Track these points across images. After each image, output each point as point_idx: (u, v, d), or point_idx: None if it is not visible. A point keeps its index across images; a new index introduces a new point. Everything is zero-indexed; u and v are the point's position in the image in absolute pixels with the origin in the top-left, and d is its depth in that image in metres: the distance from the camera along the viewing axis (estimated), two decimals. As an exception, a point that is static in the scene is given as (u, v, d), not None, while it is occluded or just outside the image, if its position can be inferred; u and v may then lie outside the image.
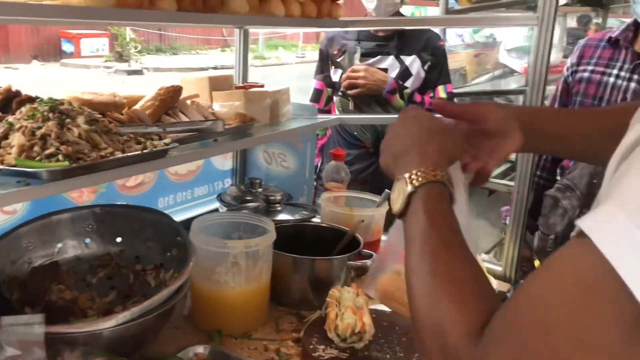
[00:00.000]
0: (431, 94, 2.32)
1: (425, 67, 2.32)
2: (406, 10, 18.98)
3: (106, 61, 14.66)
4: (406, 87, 2.27)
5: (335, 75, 2.41)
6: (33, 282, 1.26)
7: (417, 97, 2.28)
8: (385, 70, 2.32)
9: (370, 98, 2.24)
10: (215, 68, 15.29)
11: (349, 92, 2.25)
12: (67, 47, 15.47)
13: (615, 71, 1.77)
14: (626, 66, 1.76)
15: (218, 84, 1.78)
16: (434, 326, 0.60)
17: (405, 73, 2.31)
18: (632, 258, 0.46)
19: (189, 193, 1.95)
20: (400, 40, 2.34)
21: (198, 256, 1.26)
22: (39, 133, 1.09)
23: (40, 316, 1.00)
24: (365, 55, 2.34)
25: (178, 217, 1.88)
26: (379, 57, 2.34)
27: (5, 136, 1.12)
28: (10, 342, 0.97)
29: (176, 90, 1.57)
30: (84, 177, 1.07)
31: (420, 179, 0.75)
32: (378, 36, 2.37)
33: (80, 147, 1.11)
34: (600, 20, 5.01)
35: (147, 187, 1.77)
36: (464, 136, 0.91)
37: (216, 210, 1.91)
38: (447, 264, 0.65)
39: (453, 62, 6.50)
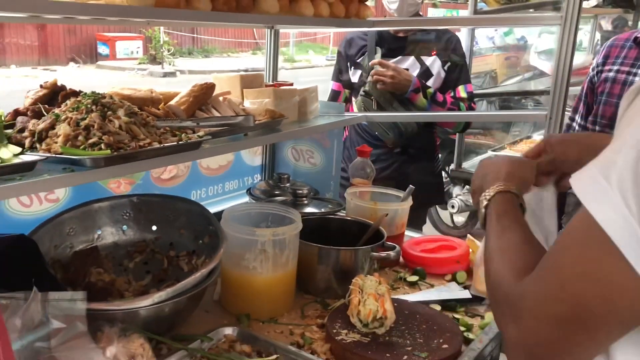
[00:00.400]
0: (452, 94, 2.36)
1: (446, 68, 2.36)
2: (438, 12, 18.90)
3: (140, 63, 14.97)
4: (429, 87, 2.31)
5: (355, 76, 2.44)
6: (74, 265, 1.35)
7: (439, 97, 2.31)
8: (405, 70, 2.37)
9: (393, 97, 2.28)
10: (246, 71, 15.50)
11: (378, 86, 2.28)
12: (102, 49, 15.84)
13: None
14: None
15: (249, 82, 1.86)
16: (495, 282, 0.83)
17: (426, 73, 2.35)
18: (602, 203, 0.63)
19: (219, 187, 2.03)
20: (421, 41, 2.38)
21: (228, 243, 1.32)
22: (83, 124, 1.17)
23: (83, 293, 1.08)
24: (385, 56, 2.37)
25: (209, 210, 1.96)
26: (399, 57, 2.38)
27: (52, 126, 1.20)
28: (56, 316, 1.05)
29: (209, 87, 1.65)
30: (124, 165, 1.15)
31: (492, 192, 0.99)
32: (398, 37, 2.41)
33: (121, 138, 1.18)
34: (631, 23, 4.95)
35: (180, 180, 1.85)
36: (535, 164, 1.16)
37: (246, 204, 1.98)
38: (504, 243, 0.88)
39: (484, 65, 6.50)
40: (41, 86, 1.36)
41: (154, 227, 1.49)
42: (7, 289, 1.03)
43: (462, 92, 2.38)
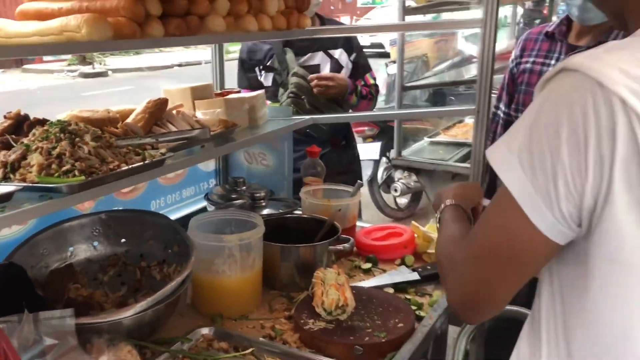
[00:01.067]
0: (362, 82, 2.55)
1: (352, 58, 2.54)
2: (366, -1, 19.12)
3: (69, 64, 14.50)
4: (357, 85, 2.49)
5: (267, 80, 2.54)
6: (52, 283, 1.42)
7: (364, 90, 2.50)
8: (317, 65, 2.52)
9: (327, 98, 2.43)
10: (180, 65, 15.28)
11: (316, 91, 2.40)
12: (27, 52, 15.26)
13: (553, 62, 1.99)
14: (562, 57, 1.98)
15: (199, 93, 1.95)
16: (440, 256, 1.07)
17: (337, 65, 2.52)
18: (508, 170, 0.81)
19: (177, 195, 2.12)
20: (325, 36, 2.53)
21: (197, 250, 1.43)
22: (55, 152, 1.25)
23: (71, 310, 1.18)
24: (296, 55, 2.50)
25: (170, 217, 2.05)
26: (309, 54, 2.52)
27: (24, 157, 1.27)
28: (48, 334, 1.14)
29: (163, 103, 1.73)
30: (97, 189, 1.24)
31: (443, 206, 1.27)
32: None
33: (92, 162, 1.27)
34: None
35: (140, 191, 1.93)
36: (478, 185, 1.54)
37: (204, 209, 2.08)
38: (450, 231, 1.15)
39: (415, 50, 6.73)
40: (5, 117, 1.42)
41: (124, 241, 1.57)
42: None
43: (370, 78, 2.59)
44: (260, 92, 2.04)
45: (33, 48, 1.12)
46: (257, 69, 2.60)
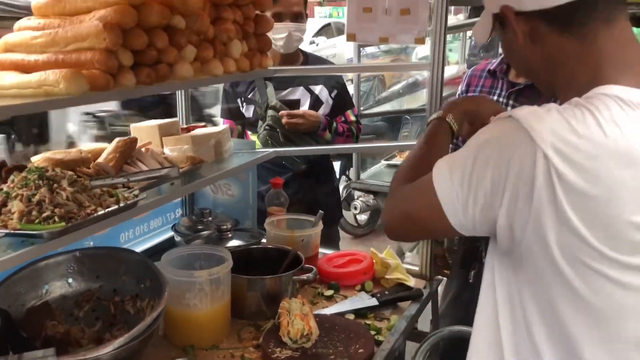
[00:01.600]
0: (342, 119, 2.66)
1: (333, 95, 2.65)
2: (324, 10, 19.37)
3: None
4: (332, 122, 2.59)
5: (248, 111, 2.64)
6: (30, 321, 1.49)
7: (340, 128, 2.60)
8: (297, 100, 2.62)
9: (301, 132, 2.53)
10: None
11: (285, 123, 2.50)
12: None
13: (495, 97, 2.16)
14: (503, 93, 2.15)
15: (166, 130, 2.04)
16: (392, 180, 1.29)
17: (317, 102, 2.62)
18: (441, 179, 1.04)
19: (145, 226, 2.19)
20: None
21: (169, 285, 1.52)
22: (34, 199, 1.32)
23: (52, 350, 1.25)
24: (276, 89, 2.58)
25: (139, 248, 2.14)
26: (290, 89, 2.61)
27: (4, 204, 1.34)
28: (32, 373, 1.21)
29: (132, 142, 1.82)
30: (75, 233, 1.32)
31: (431, 118, 1.41)
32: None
33: (70, 208, 1.35)
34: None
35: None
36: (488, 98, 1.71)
37: (172, 238, 2.17)
38: (412, 154, 1.33)
39: (372, 68, 6.93)
40: (-17, 164, 1.48)
41: (97, 276, 1.64)
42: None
43: (351, 115, 2.70)
44: (225, 126, 2.15)
45: (15, 107, 1.20)
46: (239, 100, 2.67)
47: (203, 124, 2.28)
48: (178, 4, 1.56)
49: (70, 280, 1.63)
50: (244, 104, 2.67)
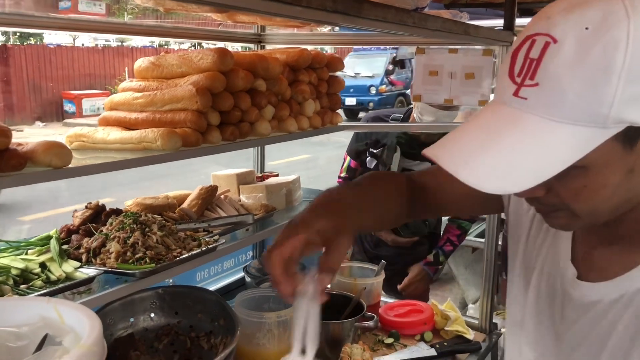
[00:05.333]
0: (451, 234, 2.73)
1: None
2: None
3: (108, 119, 15.15)
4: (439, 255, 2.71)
5: (371, 164, 2.68)
6: (117, 350, 1.65)
7: (448, 248, 2.74)
8: None
9: None
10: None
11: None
12: (68, 107, 16.04)
13: None
14: None
15: (243, 178, 2.22)
16: None
17: None
18: None
19: (219, 266, 2.36)
20: None
21: (241, 325, 1.65)
22: (129, 241, 1.50)
23: (138, 377, 1.40)
24: (404, 157, 2.58)
25: (213, 286, 2.30)
26: (417, 162, 2.59)
27: (103, 244, 1.53)
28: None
29: (213, 189, 2.00)
30: (163, 273, 1.49)
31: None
32: (419, 139, 2.59)
33: (159, 250, 1.52)
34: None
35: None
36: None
37: (243, 279, 2.31)
38: None
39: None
40: (86, 207, 1.69)
41: (176, 313, 1.80)
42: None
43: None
44: (296, 176, 2.30)
45: (117, 163, 1.39)
46: (368, 150, 2.72)
47: (276, 173, 2.45)
48: (261, 70, 1.74)
49: (152, 315, 1.79)
50: (369, 155, 2.71)
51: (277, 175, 2.41)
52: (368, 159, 2.73)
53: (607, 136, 0.71)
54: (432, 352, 1.88)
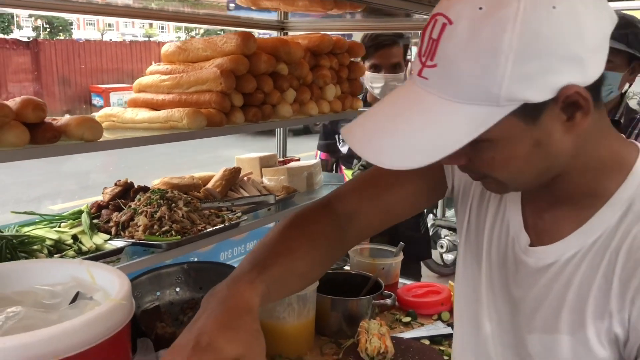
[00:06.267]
0: None
1: None
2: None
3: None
4: None
5: (344, 147, 2.82)
6: (144, 321, 1.73)
7: None
8: None
9: None
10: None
11: None
12: (97, 100, 16.32)
13: None
14: None
15: (266, 161, 2.28)
16: None
17: None
18: None
19: (242, 247, 2.43)
20: None
21: (262, 299, 1.71)
22: (156, 216, 1.57)
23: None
24: None
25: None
26: None
27: (132, 218, 1.60)
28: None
29: (237, 171, 2.06)
30: (188, 245, 1.55)
31: None
32: None
33: (184, 224, 1.59)
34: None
35: (212, 245, 2.25)
36: None
37: (264, 261, 2.38)
38: None
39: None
40: (116, 184, 1.76)
41: (201, 287, 1.87)
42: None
43: None
44: (317, 161, 2.36)
45: (145, 139, 1.46)
46: (337, 137, 2.89)
47: (298, 157, 2.50)
48: (283, 54, 1.80)
49: (177, 289, 1.86)
50: (341, 141, 2.87)
51: (298, 160, 2.47)
52: (341, 143, 2.84)
53: (503, 113, 0.75)
54: (449, 330, 1.92)
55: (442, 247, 5.18)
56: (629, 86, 2.18)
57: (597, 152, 0.86)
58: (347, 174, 2.73)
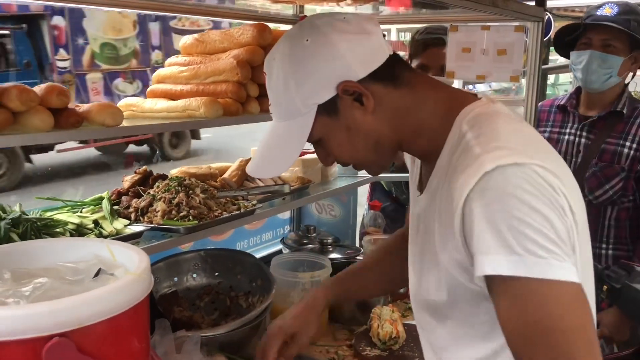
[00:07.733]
0: None
1: None
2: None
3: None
4: None
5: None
6: (162, 305, 1.78)
7: None
8: None
9: None
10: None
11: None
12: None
13: (567, 130, 2.25)
14: (575, 126, 2.23)
15: (281, 153, 2.32)
16: None
17: None
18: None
19: (258, 238, 2.47)
20: None
21: (277, 285, 1.76)
22: (174, 202, 1.62)
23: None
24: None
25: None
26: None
27: (150, 204, 1.65)
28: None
29: (252, 161, 2.10)
30: (205, 230, 1.60)
31: None
32: None
33: (201, 210, 1.63)
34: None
35: (229, 234, 2.30)
36: None
37: (280, 251, 2.42)
38: None
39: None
40: (135, 172, 1.82)
41: (217, 274, 1.92)
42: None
43: None
44: (332, 153, 2.39)
45: (163, 125, 1.51)
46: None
47: (312, 150, 2.54)
48: (297, 45, 1.83)
49: (194, 275, 1.91)
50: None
51: (313, 152, 2.50)
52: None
53: (311, 118, 1.02)
54: (461, 318, 1.94)
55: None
56: (632, 77, 2.19)
57: (419, 120, 1.04)
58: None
